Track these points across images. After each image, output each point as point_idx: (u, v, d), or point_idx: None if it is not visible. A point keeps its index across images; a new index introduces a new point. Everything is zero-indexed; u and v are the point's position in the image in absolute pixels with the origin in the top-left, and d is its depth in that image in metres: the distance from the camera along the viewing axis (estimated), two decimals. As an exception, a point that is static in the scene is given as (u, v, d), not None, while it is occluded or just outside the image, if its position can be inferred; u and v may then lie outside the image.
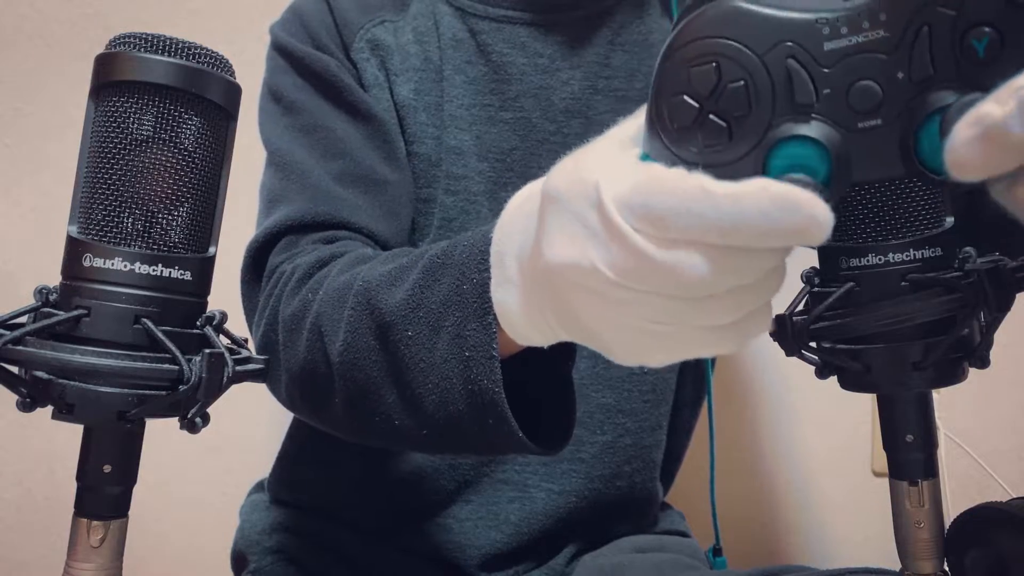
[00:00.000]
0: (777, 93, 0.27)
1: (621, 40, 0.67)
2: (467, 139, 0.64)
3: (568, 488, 0.64)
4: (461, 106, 0.64)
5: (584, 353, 0.64)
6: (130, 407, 0.33)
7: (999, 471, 1.16)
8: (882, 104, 0.27)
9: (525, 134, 0.64)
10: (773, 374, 1.12)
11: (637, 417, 0.65)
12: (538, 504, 0.64)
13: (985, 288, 0.35)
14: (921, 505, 0.37)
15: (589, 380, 0.64)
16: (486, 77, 0.65)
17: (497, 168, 0.64)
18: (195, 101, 0.35)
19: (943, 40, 0.27)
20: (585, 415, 0.64)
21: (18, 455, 0.97)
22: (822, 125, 0.27)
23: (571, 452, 0.64)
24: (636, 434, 0.66)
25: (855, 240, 0.37)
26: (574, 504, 0.64)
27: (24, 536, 0.98)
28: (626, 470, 0.66)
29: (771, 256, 0.28)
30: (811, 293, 0.39)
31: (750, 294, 0.29)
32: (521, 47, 0.65)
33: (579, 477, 0.64)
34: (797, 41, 0.27)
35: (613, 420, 0.65)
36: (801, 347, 0.37)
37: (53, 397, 0.33)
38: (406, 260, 0.44)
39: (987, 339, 0.37)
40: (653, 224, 0.27)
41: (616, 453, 0.65)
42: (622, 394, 0.65)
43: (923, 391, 0.37)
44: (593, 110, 0.66)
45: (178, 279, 0.34)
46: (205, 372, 0.33)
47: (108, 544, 0.34)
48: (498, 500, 0.64)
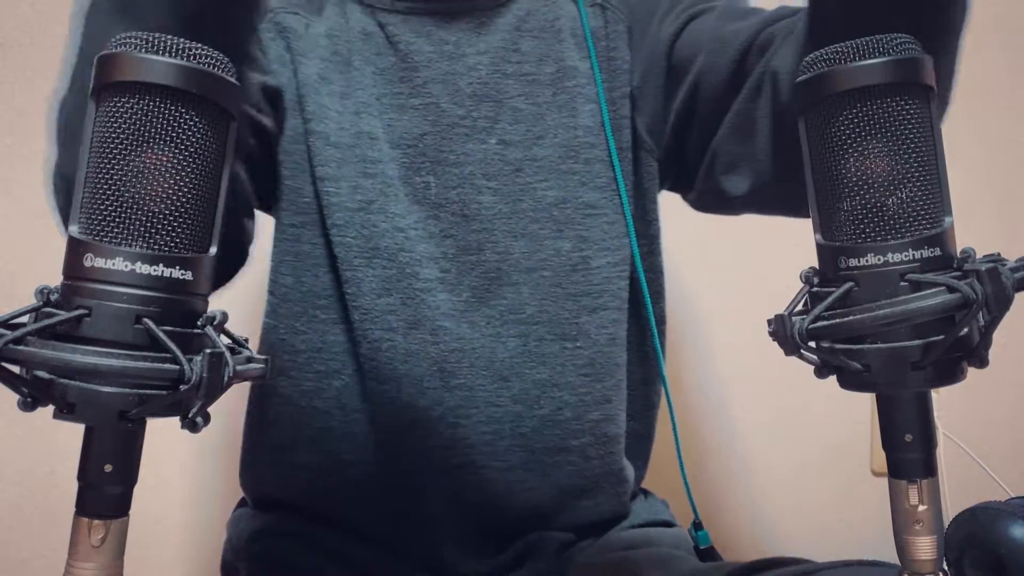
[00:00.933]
0: None
1: (529, 26, 0.70)
2: (379, 126, 0.66)
3: (515, 463, 0.65)
4: (372, 95, 0.66)
5: (514, 332, 0.65)
6: (131, 407, 0.33)
7: (998, 471, 1.16)
8: None
9: (435, 119, 0.66)
10: (772, 374, 1.12)
11: (575, 391, 0.66)
12: (495, 485, 0.65)
13: (984, 288, 0.35)
14: (920, 504, 0.37)
15: (521, 358, 0.66)
16: (395, 67, 0.67)
17: (409, 154, 0.66)
18: (196, 101, 0.35)
19: None
20: (521, 392, 0.65)
21: (18, 455, 0.97)
22: None
23: (511, 428, 0.65)
24: (576, 407, 0.66)
25: (854, 240, 0.37)
26: (529, 481, 0.65)
27: (24, 536, 0.98)
28: (574, 444, 0.67)
29: None
30: (810, 293, 0.39)
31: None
32: (427, 35, 0.68)
33: (523, 451, 0.66)
34: None
35: (549, 394, 0.66)
36: (800, 347, 0.37)
37: (54, 397, 0.33)
38: None
39: (986, 339, 0.37)
40: None
41: (556, 426, 0.66)
42: (555, 369, 0.66)
43: (922, 391, 0.37)
44: (503, 94, 0.67)
45: (179, 279, 0.35)
46: (206, 372, 0.33)
47: (109, 544, 0.34)
48: (456, 485, 0.65)
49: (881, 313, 0.35)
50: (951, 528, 0.89)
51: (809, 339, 0.37)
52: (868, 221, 0.37)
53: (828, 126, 0.38)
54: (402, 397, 0.64)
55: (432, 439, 0.64)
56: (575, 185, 0.67)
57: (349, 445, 0.66)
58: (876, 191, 0.37)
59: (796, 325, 0.37)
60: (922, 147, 0.37)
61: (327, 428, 0.66)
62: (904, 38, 0.37)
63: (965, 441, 1.16)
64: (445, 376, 0.65)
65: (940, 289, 0.35)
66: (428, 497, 0.65)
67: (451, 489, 0.65)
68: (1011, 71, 1.20)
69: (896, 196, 0.37)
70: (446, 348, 0.65)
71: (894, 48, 0.37)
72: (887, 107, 0.37)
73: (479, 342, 0.65)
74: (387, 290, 0.64)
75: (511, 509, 0.66)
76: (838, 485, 1.17)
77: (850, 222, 0.37)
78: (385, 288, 0.64)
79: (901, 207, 0.37)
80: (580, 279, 0.66)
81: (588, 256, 0.66)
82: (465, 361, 0.65)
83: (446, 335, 0.65)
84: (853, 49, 0.37)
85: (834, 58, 0.38)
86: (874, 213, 0.37)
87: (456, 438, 0.64)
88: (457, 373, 0.65)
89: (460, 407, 0.65)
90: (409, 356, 0.64)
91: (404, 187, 0.65)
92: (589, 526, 0.69)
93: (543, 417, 0.66)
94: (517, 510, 0.66)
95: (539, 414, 0.66)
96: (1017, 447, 1.18)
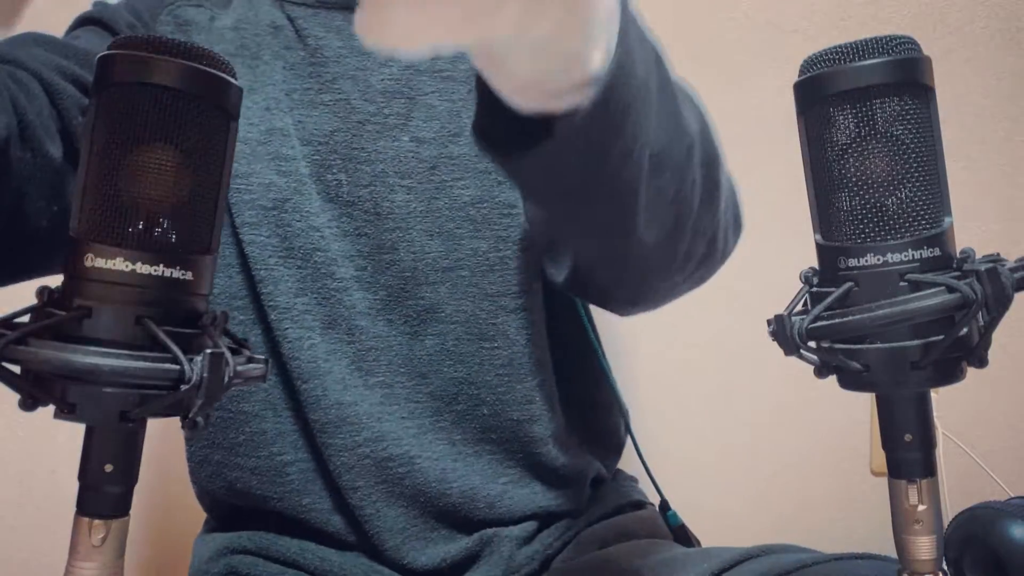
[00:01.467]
0: None
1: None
2: (290, 122, 0.65)
3: (440, 453, 0.66)
4: (282, 91, 0.66)
5: (433, 331, 0.65)
6: (132, 407, 0.33)
7: (998, 471, 1.16)
8: None
9: (346, 116, 0.66)
10: (772, 374, 1.12)
11: (493, 390, 0.66)
12: (427, 475, 0.65)
13: (984, 288, 0.35)
14: (920, 504, 0.37)
15: (438, 356, 0.66)
16: (304, 61, 0.66)
17: (321, 151, 0.65)
18: (196, 102, 0.35)
19: None
20: (439, 388, 0.66)
21: (18, 455, 0.97)
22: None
23: (433, 421, 0.66)
24: (495, 406, 0.66)
25: (853, 240, 0.37)
26: (458, 470, 0.66)
27: (25, 536, 0.98)
28: (493, 438, 0.67)
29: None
30: (810, 293, 0.39)
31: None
32: (337, 30, 0.67)
33: (445, 444, 0.66)
34: None
35: (466, 392, 0.66)
36: (800, 347, 0.37)
37: (55, 397, 0.33)
38: None
39: (986, 339, 0.37)
40: None
41: (475, 422, 0.66)
42: (472, 367, 0.66)
43: (922, 391, 0.38)
44: (416, 90, 0.67)
45: (179, 279, 0.35)
46: (207, 372, 0.33)
47: (109, 543, 0.34)
48: (391, 478, 0.65)
49: (881, 313, 0.36)
50: (951, 528, 0.89)
51: (809, 339, 0.37)
52: (868, 221, 0.37)
53: (827, 126, 0.38)
54: (327, 395, 0.64)
55: (360, 434, 0.64)
56: (492, 184, 0.66)
57: (283, 446, 0.66)
58: (876, 191, 0.37)
59: (796, 325, 0.37)
60: (922, 147, 0.37)
61: (260, 431, 0.66)
62: (904, 38, 0.38)
63: (965, 441, 1.16)
64: (363, 374, 0.65)
65: (940, 289, 0.35)
66: (367, 493, 0.65)
67: (387, 482, 0.65)
68: (1012, 71, 1.20)
69: (896, 196, 0.37)
70: (363, 346, 0.65)
71: (894, 48, 0.37)
72: (887, 107, 0.37)
73: (396, 340, 0.66)
74: (303, 289, 0.64)
75: (447, 497, 0.65)
76: (838, 485, 1.17)
77: (850, 222, 0.37)
78: (301, 288, 0.64)
79: (901, 207, 0.37)
80: (498, 279, 0.66)
81: (506, 256, 0.66)
82: (383, 359, 0.65)
83: (362, 334, 0.65)
84: (853, 49, 0.37)
85: (833, 58, 0.38)
86: (874, 213, 0.37)
87: (384, 431, 0.65)
88: (375, 371, 0.65)
89: (381, 403, 0.65)
90: (329, 355, 0.64)
91: (316, 185, 0.65)
92: (545, 515, 0.69)
93: (460, 413, 0.66)
94: (454, 499, 0.66)
95: (456, 410, 0.66)
96: (1017, 447, 1.18)
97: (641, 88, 0.40)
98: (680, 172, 0.48)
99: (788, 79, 0.39)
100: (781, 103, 1.06)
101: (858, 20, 1.16)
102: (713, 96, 1.22)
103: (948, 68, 1.15)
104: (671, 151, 0.46)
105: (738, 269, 1.15)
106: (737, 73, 1.16)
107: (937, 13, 1.18)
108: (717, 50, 1.17)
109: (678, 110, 0.46)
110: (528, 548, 0.67)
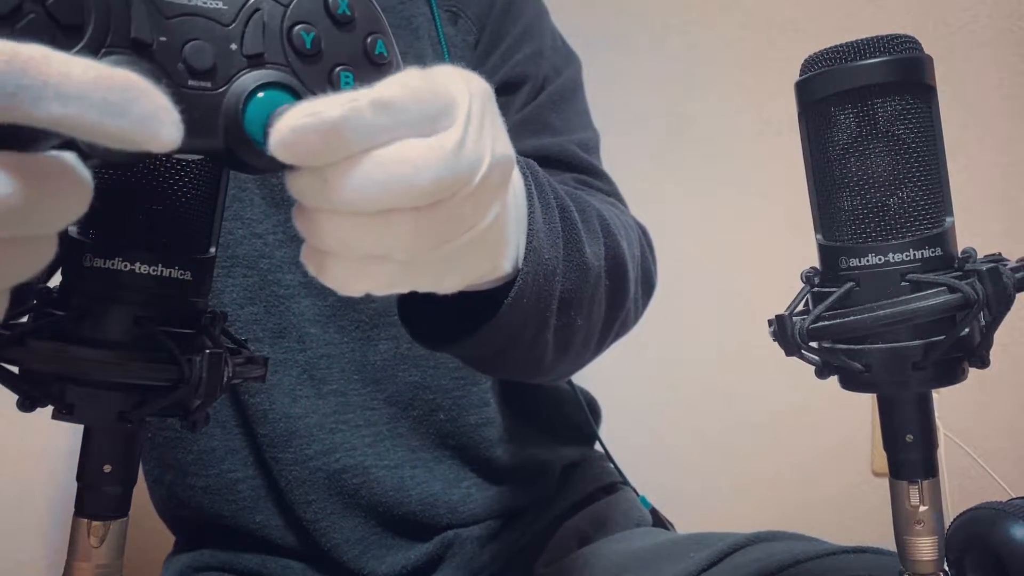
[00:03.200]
0: (114, 19, 0.27)
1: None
2: None
3: (398, 461, 0.65)
4: None
5: (385, 335, 0.65)
6: (130, 407, 0.33)
7: (999, 471, 1.16)
8: (214, 69, 0.29)
9: None
10: (773, 374, 1.12)
11: (448, 395, 0.66)
12: (384, 484, 0.65)
13: (985, 288, 0.35)
14: (921, 505, 0.37)
15: (392, 361, 0.65)
16: None
17: None
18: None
19: (274, 26, 0.30)
20: (394, 394, 0.66)
21: (18, 455, 0.97)
22: (156, 71, 0.28)
23: (389, 428, 0.66)
24: (451, 411, 0.66)
25: (855, 240, 0.37)
26: (418, 477, 0.65)
27: (24, 536, 0.98)
28: (452, 444, 0.67)
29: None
30: (811, 293, 0.39)
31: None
32: None
33: (403, 451, 0.66)
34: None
35: (422, 397, 0.66)
36: (801, 347, 0.37)
37: (53, 397, 0.33)
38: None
39: (987, 339, 0.37)
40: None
41: (432, 427, 0.66)
42: (427, 372, 0.66)
43: (923, 391, 0.37)
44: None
45: (178, 279, 0.34)
46: (205, 372, 0.33)
47: (109, 544, 0.34)
48: (347, 489, 0.64)
49: (882, 313, 0.35)
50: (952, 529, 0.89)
51: (810, 339, 0.37)
52: (869, 221, 0.37)
53: (828, 126, 0.38)
54: (276, 408, 0.63)
55: (311, 447, 0.64)
56: None
57: (233, 463, 0.65)
58: (877, 191, 0.37)
59: (797, 325, 0.37)
60: (923, 147, 0.37)
61: (209, 449, 0.65)
62: (905, 37, 0.37)
63: (966, 441, 1.16)
64: (316, 383, 0.64)
65: (941, 289, 0.35)
66: (321, 506, 0.64)
67: (341, 494, 0.64)
68: (1013, 70, 1.19)
69: (897, 196, 0.37)
70: (315, 354, 0.64)
71: (895, 47, 0.37)
72: (888, 106, 0.37)
73: (348, 346, 0.65)
74: (250, 299, 0.64)
75: (405, 505, 0.65)
76: (839, 485, 1.16)
77: (851, 222, 0.37)
78: (248, 297, 0.64)
79: (902, 207, 0.37)
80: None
81: None
82: (335, 366, 0.65)
83: (313, 341, 0.64)
84: (853, 48, 0.37)
85: (834, 57, 0.38)
86: (875, 213, 0.37)
87: (336, 443, 0.64)
88: (328, 379, 0.64)
89: (335, 412, 0.64)
90: (278, 365, 0.63)
91: (259, 190, 0.64)
92: (508, 515, 0.68)
93: (417, 419, 0.66)
94: (413, 506, 0.65)
95: (413, 415, 0.66)
96: (1018, 447, 1.18)
97: (550, 267, 0.44)
98: (588, 304, 0.50)
99: (789, 79, 0.39)
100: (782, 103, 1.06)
101: (859, 19, 1.16)
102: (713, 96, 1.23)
103: (949, 68, 1.15)
104: (578, 294, 0.48)
105: (739, 269, 1.16)
106: (737, 73, 1.16)
107: (938, 13, 1.18)
108: (717, 49, 1.17)
109: (583, 253, 0.49)
110: (492, 546, 0.67)
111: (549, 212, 0.46)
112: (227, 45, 0.29)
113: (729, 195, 1.14)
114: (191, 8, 0.29)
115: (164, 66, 0.28)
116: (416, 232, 0.30)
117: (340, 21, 0.31)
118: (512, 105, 0.68)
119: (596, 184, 0.68)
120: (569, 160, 0.67)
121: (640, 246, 0.62)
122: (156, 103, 0.25)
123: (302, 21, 0.30)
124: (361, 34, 0.32)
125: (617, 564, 0.62)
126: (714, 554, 0.57)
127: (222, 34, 0.29)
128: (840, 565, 0.52)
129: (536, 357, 0.49)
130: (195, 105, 0.28)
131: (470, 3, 0.71)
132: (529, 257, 0.42)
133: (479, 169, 0.31)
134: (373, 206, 0.29)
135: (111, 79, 0.24)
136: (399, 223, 0.30)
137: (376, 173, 0.28)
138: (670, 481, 0.78)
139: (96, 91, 0.23)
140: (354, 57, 0.31)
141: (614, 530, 0.69)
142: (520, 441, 0.69)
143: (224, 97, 0.29)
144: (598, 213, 0.54)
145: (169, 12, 0.28)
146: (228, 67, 0.29)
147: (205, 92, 0.29)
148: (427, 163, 0.29)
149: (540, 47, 0.71)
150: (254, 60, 0.29)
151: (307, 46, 0.30)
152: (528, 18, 0.72)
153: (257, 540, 0.66)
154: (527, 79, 0.69)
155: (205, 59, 0.28)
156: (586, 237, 0.50)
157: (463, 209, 0.31)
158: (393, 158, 0.28)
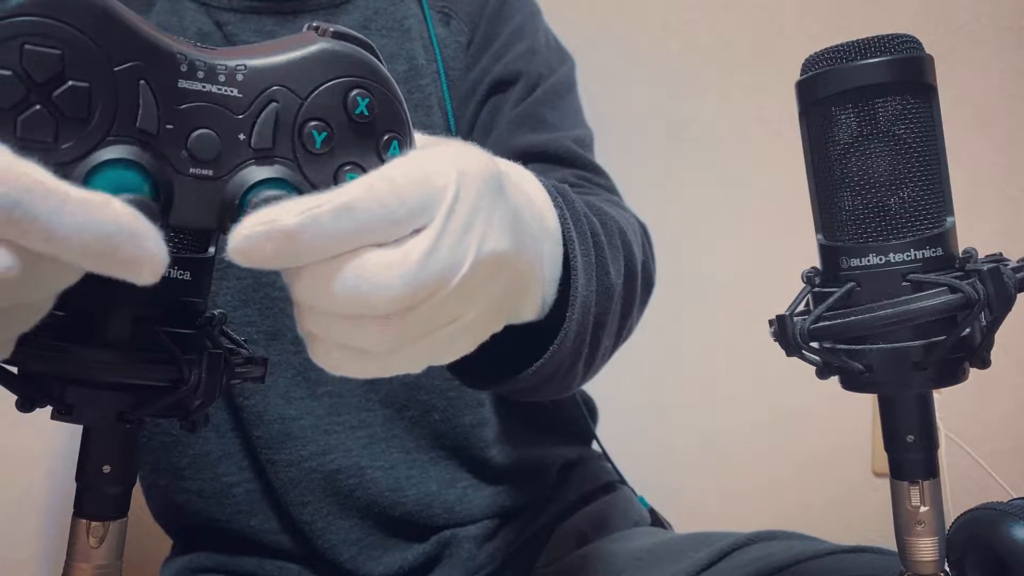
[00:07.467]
0: (120, 111, 0.27)
1: (377, 25, 0.68)
2: None
3: (394, 462, 0.65)
4: None
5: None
6: (129, 407, 0.33)
7: (999, 471, 1.16)
8: (219, 158, 0.28)
9: None
10: (773, 374, 1.12)
11: (443, 396, 0.66)
12: (379, 485, 0.64)
13: (986, 288, 0.35)
14: (922, 505, 0.37)
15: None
16: None
17: None
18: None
19: (287, 120, 0.29)
20: (389, 395, 0.65)
21: (18, 455, 0.97)
22: (156, 158, 0.27)
23: (384, 429, 0.65)
24: (446, 411, 0.66)
25: (855, 240, 0.37)
26: (414, 477, 0.65)
27: (24, 536, 0.98)
28: (448, 444, 0.66)
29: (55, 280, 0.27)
30: (812, 293, 0.39)
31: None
32: (268, 35, 0.66)
33: (398, 452, 0.65)
34: (153, 66, 0.27)
35: (416, 398, 0.65)
36: (802, 347, 0.37)
37: (52, 397, 0.33)
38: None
39: (988, 339, 0.36)
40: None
41: (427, 428, 0.66)
42: (422, 373, 0.66)
43: (924, 391, 0.37)
44: None
45: (178, 279, 0.34)
46: (205, 372, 0.33)
47: (108, 544, 0.34)
48: (342, 490, 0.64)
49: (883, 313, 0.35)
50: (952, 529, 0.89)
51: (811, 340, 0.37)
52: (870, 221, 0.37)
53: (829, 125, 0.38)
54: (270, 410, 0.63)
55: (306, 448, 0.64)
56: None
57: (228, 467, 0.65)
58: (878, 191, 0.37)
59: (798, 326, 0.37)
60: (924, 146, 0.37)
61: (204, 452, 0.65)
62: (906, 37, 0.37)
63: (967, 442, 1.16)
64: (311, 384, 0.64)
65: (942, 289, 0.35)
66: (316, 508, 0.64)
67: (337, 495, 0.64)
68: (1014, 70, 1.19)
69: (898, 196, 0.37)
70: (309, 356, 0.64)
71: (896, 47, 0.37)
72: (888, 106, 0.36)
73: None
74: (244, 301, 0.64)
75: (402, 506, 0.65)
76: (839, 485, 1.16)
77: (851, 222, 0.37)
78: (242, 300, 0.64)
79: (903, 207, 0.37)
80: None
81: None
82: None
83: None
84: (854, 48, 0.37)
85: (835, 57, 0.37)
86: (876, 213, 0.37)
87: (331, 444, 0.64)
88: (322, 381, 0.64)
89: (330, 414, 0.64)
90: (272, 368, 0.63)
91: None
92: (506, 514, 0.68)
93: (412, 419, 0.66)
94: (409, 506, 0.65)
95: (408, 416, 0.66)
96: (1019, 448, 1.17)
97: (588, 302, 0.44)
98: (611, 322, 0.50)
99: (789, 79, 0.39)
100: (782, 102, 1.06)
101: (859, 19, 1.16)
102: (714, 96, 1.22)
103: (950, 67, 1.15)
104: (605, 317, 0.48)
105: (740, 269, 1.15)
106: (738, 72, 1.16)
107: (939, 12, 1.18)
108: (718, 49, 1.17)
109: (609, 275, 0.48)
110: (490, 545, 0.66)
111: (585, 245, 0.45)
112: (235, 135, 0.29)
113: (729, 195, 1.14)
114: (204, 95, 0.28)
115: (167, 154, 0.28)
116: (384, 336, 0.29)
117: (357, 121, 0.30)
118: (507, 102, 0.68)
119: (596, 180, 0.68)
120: (568, 157, 0.67)
121: (643, 247, 0.62)
122: (141, 247, 0.25)
123: (316, 119, 0.29)
124: (377, 134, 0.31)
125: (616, 564, 0.62)
126: (713, 554, 0.56)
127: (232, 124, 0.28)
128: (840, 565, 0.52)
129: (568, 382, 0.49)
130: (194, 189, 0.28)
131: (462, 4, 0.71)
132: (574, 304, 0.41)
133: (456, 273, 0.29)
134: (336, 312, 0.29)
135: (100, 225, 0.24)
136: (368, 325, 0.29)
137: (333, 285, 0.28)
138: (669, 481, 0.78)
139: (81, 235, 0.24)
140: (365, 156, 0.30)
141: (612, 530, 0.69)
142: (516, 441, 0.69)
143: (225, 185, 0.29)
144: (618, 226, 0.54)
145: (181, 100, 0.28)
146: (233, 158, 0.29)
147: (206, 178, 0.28)
148: (385, 280, 0.28)
149: (533, 45, 0.72)
150: (261, 153, 0.29)
151: (316, 146, 0.29)
152: (521, 17, 0.73)
153: (253, 543, 0.66)
154: (520, 76, 0.69)
155: (210, 150, 0.28)
156: (610, 257, 0.49)
157: (442, 309, 0.30)
158: (351, 272, 0.28)
